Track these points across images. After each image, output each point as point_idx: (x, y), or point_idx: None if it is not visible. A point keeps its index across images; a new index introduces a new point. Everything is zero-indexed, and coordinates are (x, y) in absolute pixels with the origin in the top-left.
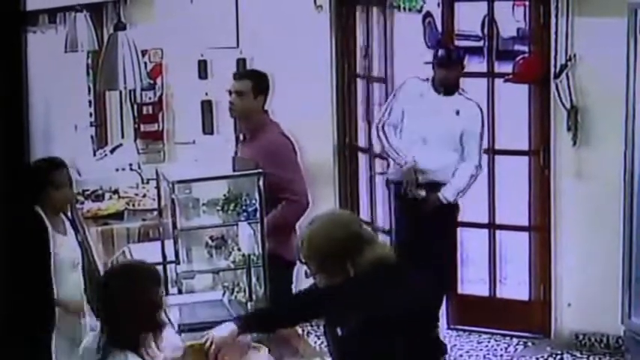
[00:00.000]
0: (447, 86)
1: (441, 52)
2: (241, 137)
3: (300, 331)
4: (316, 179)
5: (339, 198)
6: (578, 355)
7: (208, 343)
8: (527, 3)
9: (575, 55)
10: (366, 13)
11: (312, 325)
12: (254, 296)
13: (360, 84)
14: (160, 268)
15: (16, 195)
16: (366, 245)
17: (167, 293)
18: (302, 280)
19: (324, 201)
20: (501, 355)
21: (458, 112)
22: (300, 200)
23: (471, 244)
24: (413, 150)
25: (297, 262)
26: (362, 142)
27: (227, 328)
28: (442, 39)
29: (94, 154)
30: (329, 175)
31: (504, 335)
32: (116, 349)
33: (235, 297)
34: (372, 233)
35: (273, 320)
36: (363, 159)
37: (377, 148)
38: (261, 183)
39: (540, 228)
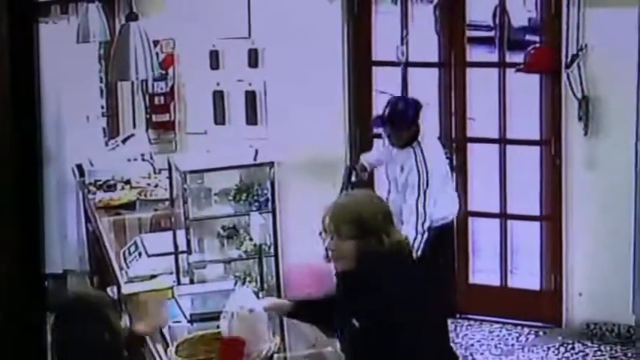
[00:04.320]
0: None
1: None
2: None
3: None
4: (328, 168)
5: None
6: (590, 344)
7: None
8: None
9: (586, 45)
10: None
11: None
12: (265, 286)
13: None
14: (172, 257)
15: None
16: (393, 226)
17: (179, 283)
18: None
19: (335, 192)
20: (512, 345)
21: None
22: None
23: (482, 234)
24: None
25: None
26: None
27: (280, 301)
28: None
29: (106, 145)
30: (341, 164)
31: (515, 325)
32: None
33: (247, 287)
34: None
35: (323, 311)
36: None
37: None
38: (272, 173)
39: (551, 218)
